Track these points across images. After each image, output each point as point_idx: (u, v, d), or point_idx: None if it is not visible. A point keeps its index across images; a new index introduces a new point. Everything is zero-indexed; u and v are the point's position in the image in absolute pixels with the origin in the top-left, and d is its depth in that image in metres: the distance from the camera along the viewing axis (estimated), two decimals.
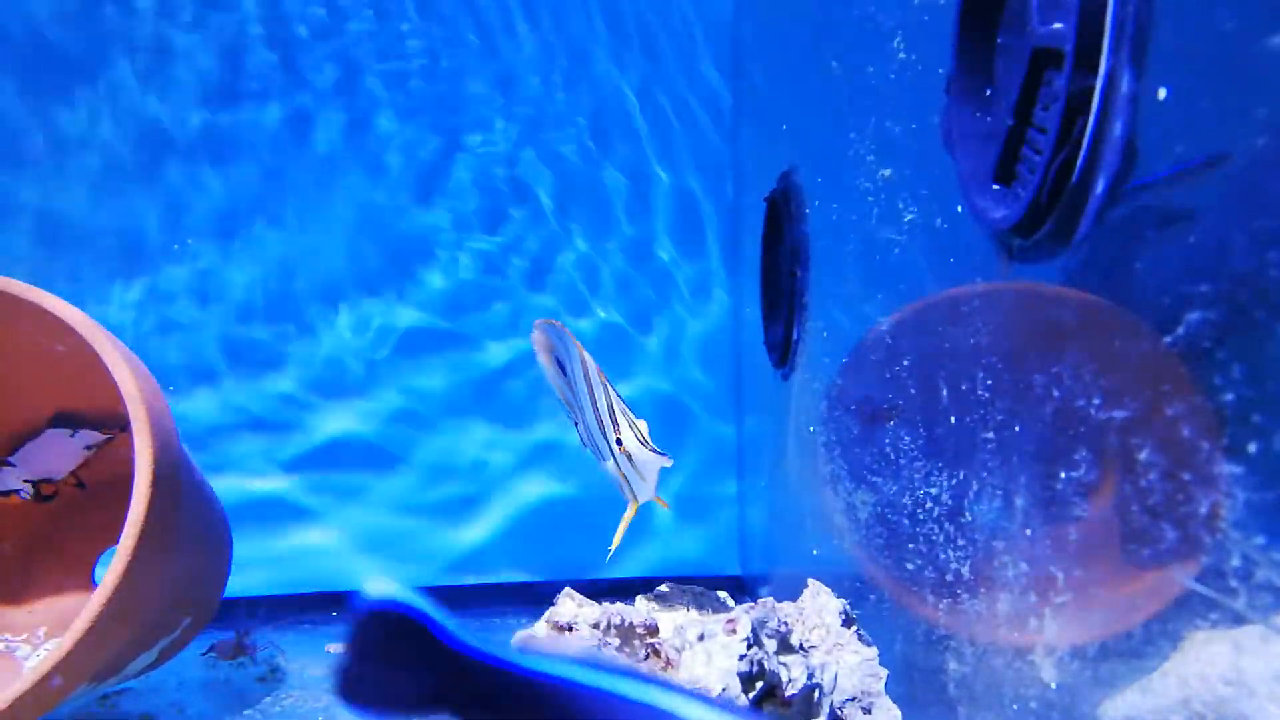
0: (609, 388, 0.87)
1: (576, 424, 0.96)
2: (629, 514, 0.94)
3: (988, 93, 0.70)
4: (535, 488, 1.75)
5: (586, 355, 0.87)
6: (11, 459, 1.27)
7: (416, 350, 1.73)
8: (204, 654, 1.31)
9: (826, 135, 1.14)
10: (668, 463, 0.87)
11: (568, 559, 1.72)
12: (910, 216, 0.87)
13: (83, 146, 1.59)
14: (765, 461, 1.56)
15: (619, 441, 0.86)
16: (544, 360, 0.95)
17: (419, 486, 1.73)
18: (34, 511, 1.30)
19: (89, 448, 1.28)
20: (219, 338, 1.65)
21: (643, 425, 0.87)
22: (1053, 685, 0.64)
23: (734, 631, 0.72)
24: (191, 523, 1.11)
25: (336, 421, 1.70)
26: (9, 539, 1.29)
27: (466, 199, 1.73)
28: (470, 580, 1.72)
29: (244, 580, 1.45)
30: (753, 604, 0.81)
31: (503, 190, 1.74)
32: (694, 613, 0.79)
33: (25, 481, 1.27)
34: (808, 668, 0.76)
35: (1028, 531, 0.67)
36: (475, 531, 1.74)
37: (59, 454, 1.27)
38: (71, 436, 1.27)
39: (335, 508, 1.70)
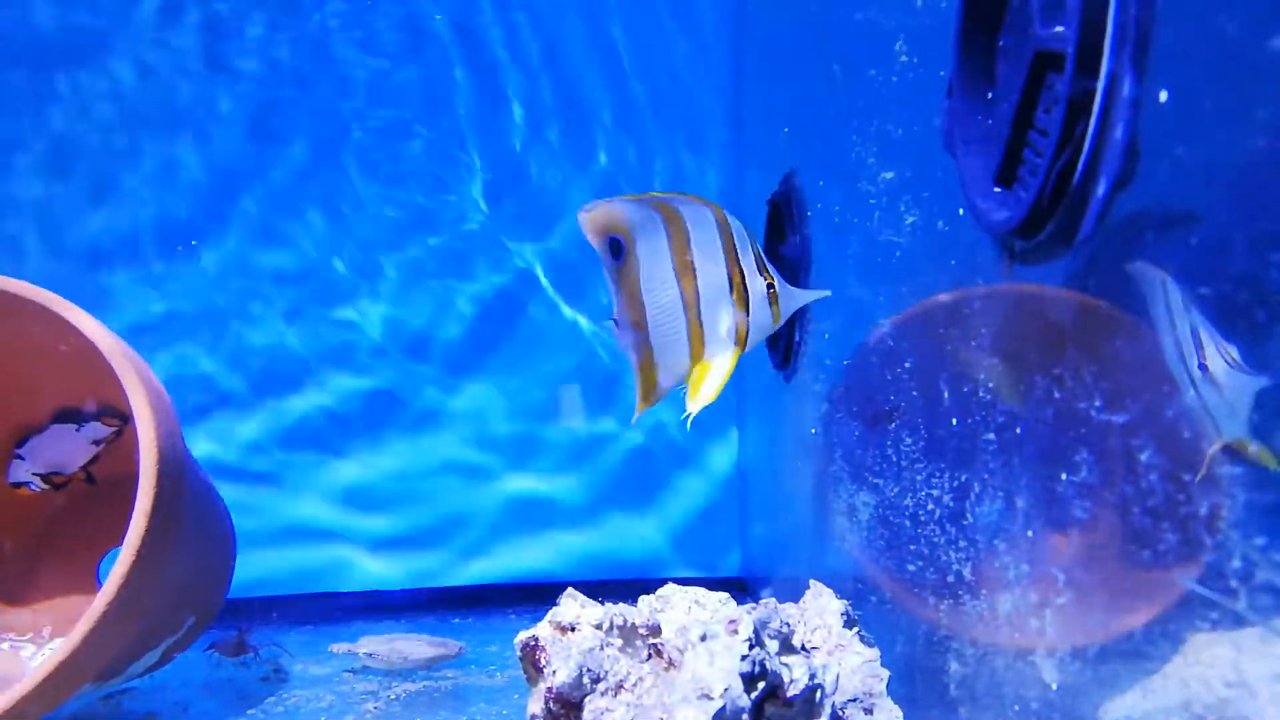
0: (754, 239, 0.94)
1: (615, 321, 0.98)
2: (733, 362, 0.99)
3: (989, 95, 0.70)
4: (533, 488, 1.75)
5: (727, 215, 0.93)
6: (20, 451, 1.27)
7: (429, 361, 1.74)
8: (204, 651, 1.31)
9: (828, 138, 1.14)
10: (826, 291, 0.97)
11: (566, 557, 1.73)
12: (912, 219, 0.88)
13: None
14: (767, 463, 1.56)
15: (770, 286, 0.94)
16: (596, 242, 0.96)
17: (419, 486, 1.73)
18: (38, 510, 1.31)
19: (96, 442, 1.29)
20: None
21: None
22: (1054, 686, 0.65)
23: (736, 632, 0.72)
24: (195, 522, 1.11)
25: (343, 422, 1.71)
26: (13, 538, 1.29)
27: (469, 204, 1.74)
28: (472, 581, 1.72)
29: (247, 580, 1.46)
30: (755, 605, 0.81)
31: (499, 191, 1.75)
32: (696, 613, 0.79)
33: (35, 475, 1.27)
34: (809, 668, 0.76)
35: (1029, 533, 0.67)
36: (476, 532, 1.74)
37: (67, 448, 1.28)
38: (77, 430, 1.28)
39: (337, 509, 1.70)
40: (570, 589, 0.81)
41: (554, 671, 0.73)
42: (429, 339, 1.73)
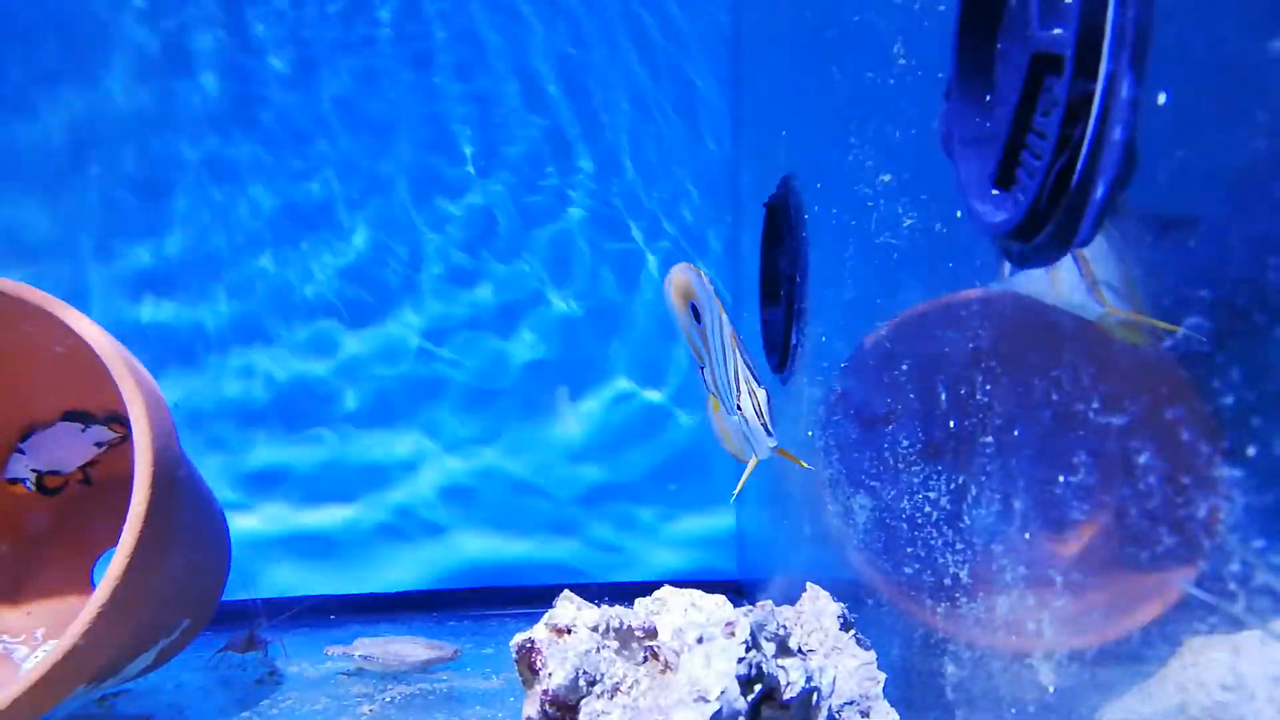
0: (740, 353, 0.91)
1: (703, 369, 0.99)
2: (750, 465, 1.00)
3: (987, 98, 0.70)
4: (529, 491, 1.75)
5: (724, 315, 0.91)
6: (22, 445, 1.27)
7: (431, 368, 1.74)
8: (218, 652, 1.31)
9: (826, 141, 1.14)
10: (766, 453, 0.93)
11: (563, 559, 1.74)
12: (909, 221, 0.88)
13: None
14: (764, 466, 1.56)
15: (738, 407, 0.92)
16: (677, 304, 0.97)
17: (418, 489, 1.73)
18: (33, 511, 1.30)
19: (99, 444, 1.28)
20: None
21: (761, 395, 0.91)
22: (1051, 689, 0.65)
23: (733, 634, 0.72)
24: (190, 523, 1.11)
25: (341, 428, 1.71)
26: (7, 539, 1.29)
27: (471, 203, 1.74)
28: (469, 583, 1.72)
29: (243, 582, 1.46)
30: (751, 607, 0.81)
31: (507, 197, 1.75)
32: (693, 616, 0.79)
33: (31, 471, 1.27)
34: (806, 671, 0.75)
35: (1026, 535, 0.67)
36: (475, 534, 1.74)
37: (69, 447, 1.28)
38: (83, 431, 1.27)
39: (334, 511, 1.70)
40: (566, 591, 0.81)
41: (550, 674, 0.73)
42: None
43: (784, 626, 0.77)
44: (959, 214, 0.75)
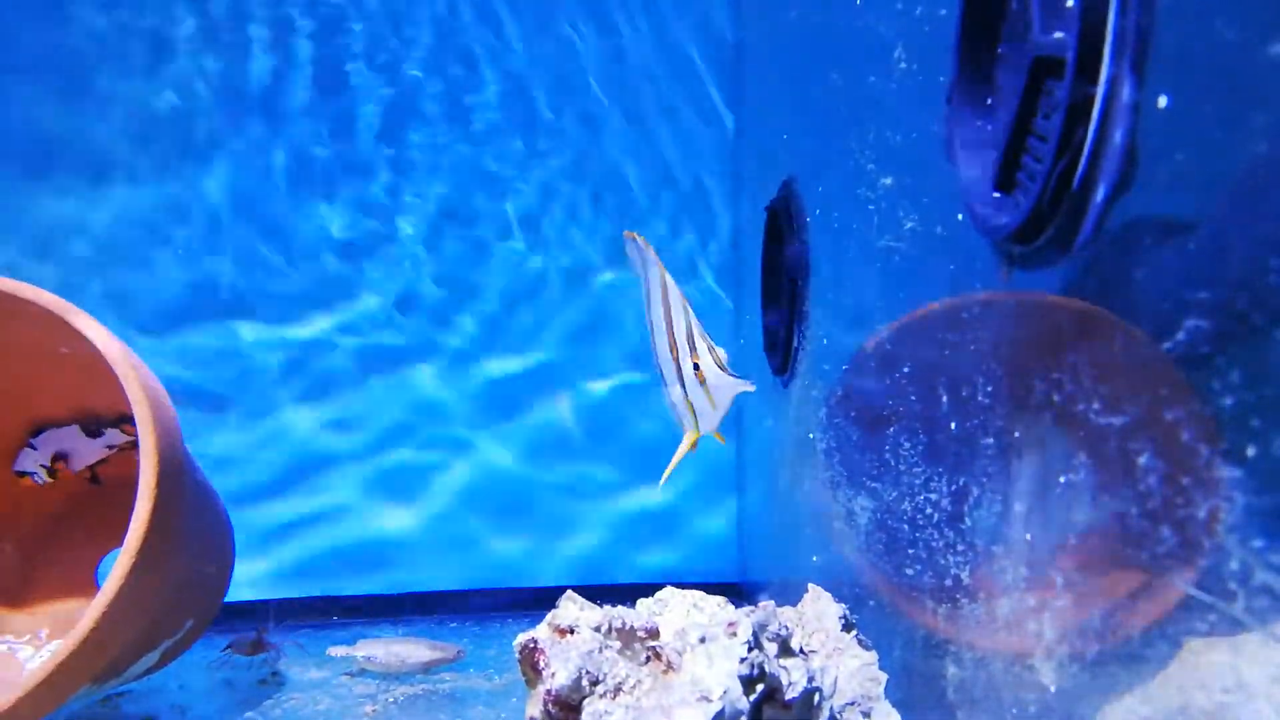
0: (689, 311, 0.86)
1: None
2: (686, 443, 0.93)
3: (988, 101, 0.71)
4: (532, 493, 1.76)
5: (668, 276, 0.86)
6: (34, 441, 1.27)
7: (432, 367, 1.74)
8: (222, 650, 1.31)
9: (827, 144, 1.15)
10: (749, 386, 0.86)
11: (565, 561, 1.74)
12: (911, 224, 0.88)
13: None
14: (765, 468, 1.56)
15: (696, 366, 0.85)
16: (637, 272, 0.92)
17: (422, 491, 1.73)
18: (38, 511, 1.30)
19: (111, 447, 1.29)
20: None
21: (721, 353, 0.86)
22: (1052, 690, 0.65)
23: (735, 634, 0.72)
24: (195, 524, 1.11)
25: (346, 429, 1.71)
26: (12, 540, 1.29)
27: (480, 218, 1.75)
28: (471, 585, 1.72)
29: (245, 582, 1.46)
30: (753, 608, 0.81)
31: (505, 211, 1.75)
32: (694, 616, 0.79)
33: (41, 466, 1.28)
34: (808, 671, 0.76)
35: (1027, 536, 0.67)
36: (477, 537, 1.74)
37: (82, 447, 1.28)
38: (95, 436, 1.28)
39: (335, 514, 1.70)
40: (569, 592, 0.81)
41: (553, 674, 0.73)
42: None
43: (786, 627, 0.77)
44: (960, 217, 0.75)
